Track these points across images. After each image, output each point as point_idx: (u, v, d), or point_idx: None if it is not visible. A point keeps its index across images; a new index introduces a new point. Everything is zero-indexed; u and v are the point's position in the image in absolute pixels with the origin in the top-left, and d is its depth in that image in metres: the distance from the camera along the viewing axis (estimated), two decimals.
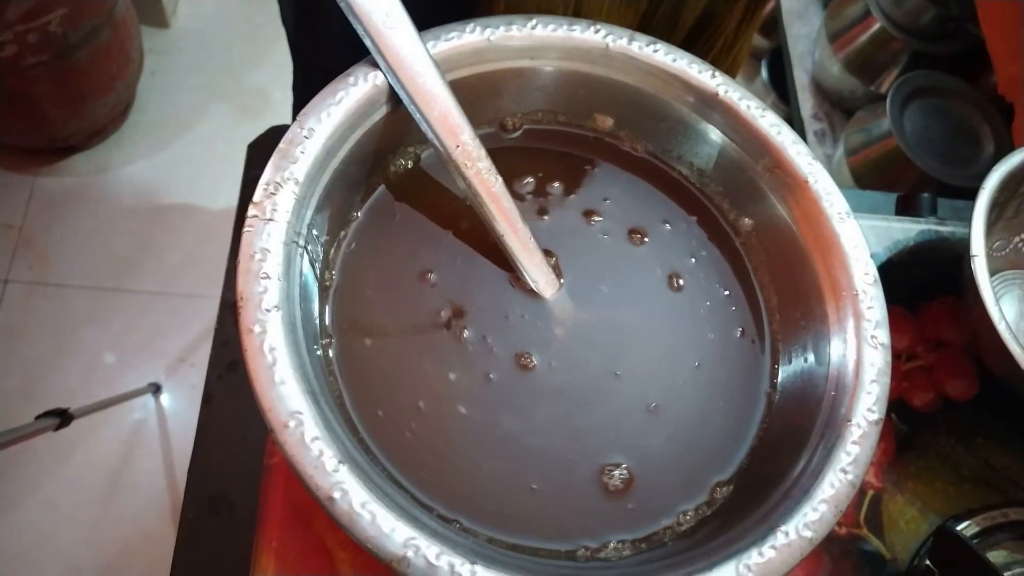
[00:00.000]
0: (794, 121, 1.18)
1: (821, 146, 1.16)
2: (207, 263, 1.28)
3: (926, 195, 0.59)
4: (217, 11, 1.50)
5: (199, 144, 1.40)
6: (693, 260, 0.43)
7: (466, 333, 0.39)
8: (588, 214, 0.43)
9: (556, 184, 0.44)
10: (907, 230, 0.57)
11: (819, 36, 1.16)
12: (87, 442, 1.14)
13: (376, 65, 0.37)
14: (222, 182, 1.33)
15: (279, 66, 1.43)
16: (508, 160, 0.43)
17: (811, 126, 1.17)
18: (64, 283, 1.26)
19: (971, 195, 0.51)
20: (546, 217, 0.42)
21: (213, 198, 1.34)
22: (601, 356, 0.40)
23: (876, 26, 1.07)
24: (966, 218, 0.50)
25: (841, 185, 1.10)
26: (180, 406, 1.20)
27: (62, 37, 1.13)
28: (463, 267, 0.40)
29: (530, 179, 0.43)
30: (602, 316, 0.41)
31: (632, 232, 0.43)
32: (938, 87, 1.02)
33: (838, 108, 1.18)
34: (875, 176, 1.02)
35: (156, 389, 1.20)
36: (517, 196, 0.43)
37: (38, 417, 0.93)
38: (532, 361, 0.39)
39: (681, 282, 0.42)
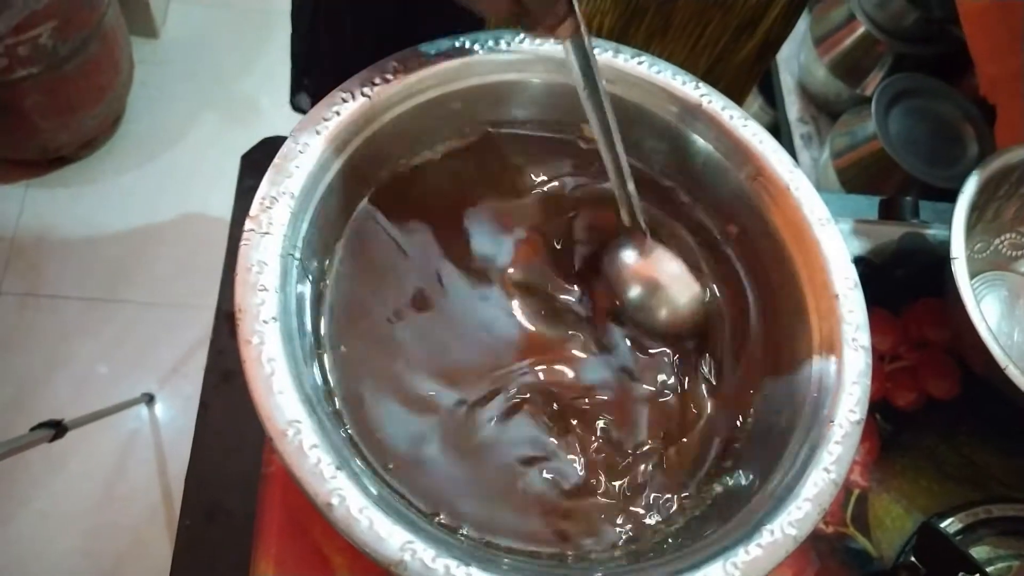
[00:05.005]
0: (780, 125, 1.20)
1: (808, 149, 1.17)
2: (199, 273, 1.28)
3: (908, 198, 0.60)
4: (206, 21, 1.50)
5: (189, 154, 1.40)
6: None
7: (462, 344, 0.39)
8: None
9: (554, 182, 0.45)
10: (890, 233, 0.58)
11: (804, 40, 1.17)
12: (81, 453, 1.14)
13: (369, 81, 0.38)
14: (213, 191, 1.33)
15: (268, 74, 1.43)
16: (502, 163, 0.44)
17: (797, 129, 1.19)
18: (56, 294, 1.26)
19: (954, 197, 0.52)
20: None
21: (204, 207, 1.34)
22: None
23: (860, 29, 1.08)
24: (948, 220, 0.51)
25: (827, 188, 1.11)
26: (173, 415, 1.20)
27: (52, 49, 1.13)
28: (458, 274, 0.41)
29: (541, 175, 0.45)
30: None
31: None
32: (922, 89, 1.03)
33: (824, 111, 1.19)
34: (861, 178, 1.04)
35: (149, 399, 1.20)
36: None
37: (32, 429, 0.93)
38: (534, 372, 0.39)
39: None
